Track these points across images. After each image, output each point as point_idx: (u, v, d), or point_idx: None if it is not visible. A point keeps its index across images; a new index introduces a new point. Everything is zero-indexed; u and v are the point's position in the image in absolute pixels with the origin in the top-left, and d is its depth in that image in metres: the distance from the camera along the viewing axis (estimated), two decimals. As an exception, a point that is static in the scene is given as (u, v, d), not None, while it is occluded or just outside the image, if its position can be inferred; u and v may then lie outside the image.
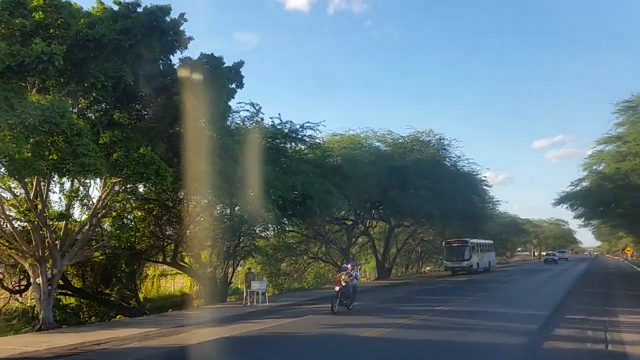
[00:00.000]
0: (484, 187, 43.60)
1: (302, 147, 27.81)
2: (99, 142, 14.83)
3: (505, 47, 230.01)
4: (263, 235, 30.60)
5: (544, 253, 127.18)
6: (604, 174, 23.97)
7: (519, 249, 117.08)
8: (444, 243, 43.98)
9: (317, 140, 25.76)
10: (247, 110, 22.90)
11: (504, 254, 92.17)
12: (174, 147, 17.53)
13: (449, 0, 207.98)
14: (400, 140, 34.32)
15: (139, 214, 25.36)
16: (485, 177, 43.07)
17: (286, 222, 25.14)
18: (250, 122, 23.40)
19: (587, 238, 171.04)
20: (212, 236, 26.30)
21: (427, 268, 64.08)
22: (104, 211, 16.78)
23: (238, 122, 22.77)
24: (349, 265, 18.12)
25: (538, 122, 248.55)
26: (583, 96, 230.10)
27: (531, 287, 26.83)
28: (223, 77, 17.70)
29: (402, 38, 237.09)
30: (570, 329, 13.03)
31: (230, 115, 21.42)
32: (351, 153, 30.89)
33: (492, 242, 53.97)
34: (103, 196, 16.03)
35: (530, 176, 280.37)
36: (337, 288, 16.89)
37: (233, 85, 19.79)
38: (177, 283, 38.44)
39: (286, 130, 23.96)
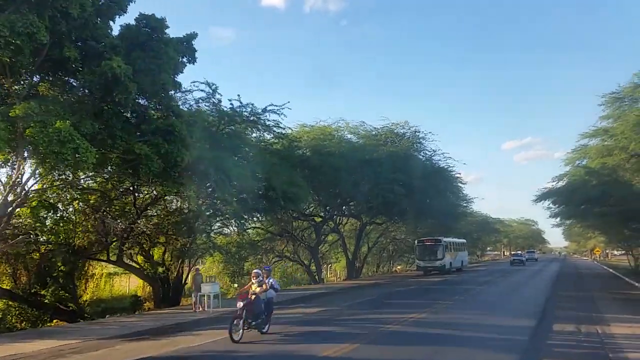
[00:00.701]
0: (459, 185, 42.01)
1: (268, 136, 25.40)
2: (9, 114, 12.16)
3: (477, 49, 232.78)
4: (223, 232, 28.07)
5: (517, 252, 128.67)
6: (589, 169, 22.39)
7: (489, 249, 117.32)
8: (416, 242, 42.28)
9: (283, 127, 23.28)
10: (202, 91, 20.31)
11: (475, 253, 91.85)
12: (109, 126, 14.90)
13: (425, 1, 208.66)
14: (373, 133, 32.27)
15: (78, 206, 22.60)
16: (459, 173, 41.46)
17: (246, 217, 22.67)
18: (207, 104, 20.82)
19: (555, 238, 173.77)
20: (165, 232, 23.73)
21: (399, 267, 62.59)
22: (18, 200, 14.00)
23: (191, 103, 20.16)
24: (263, 271, 13.31)
25: (508, 124, 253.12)
26: (553, 99, 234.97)
27: (509, 290, 25.19)
28: (168, 45, 15.15)
29: (378, 37, 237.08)
30: (563, 346, 11.17)
31: (181, 93, 18.88)
32: (321, 145, 28.66)
33: (465, 241, 52.78)
34: (14, 181, 13.26)
35: (499, 177, 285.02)
36: (240, 304, 11.72)
37: (184, 60, 17.36)
38: (132, 283, 35.55)
39: (246, 113, 21.39)
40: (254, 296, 12.09)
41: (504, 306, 18.46)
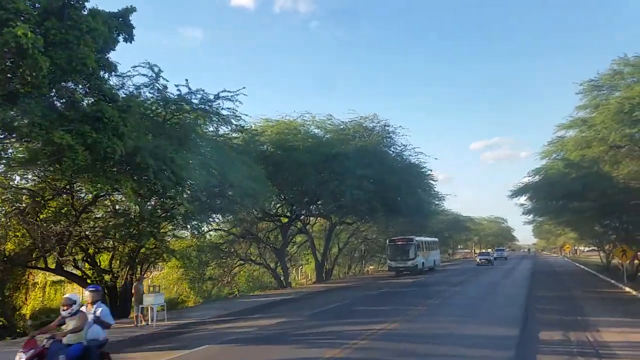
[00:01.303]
0: (430, 182, 40.61)
1: (225, 128, 23.19)
2: None
3: (443, 50, 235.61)
4: (178, 234, 25.71)
5: (485, 250, 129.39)
6: (569, 161, 21.07)
7: (460, 247, 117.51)
8: (388, 241, 40.70)
9: (239, 117, 21.01)
10: (145, 76, 17.93)
11: (447, 252, 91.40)
12: (27, 112, 12.53)
13: (393, 4, 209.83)
14: (341, 127, 30.41)
15: (10, 208, 20.01)
16: (431, 170, 40.02)
17: (201, 218, 20.43)
18: (151, 90, 18.45)
19: (524, 235, 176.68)
20: (112, 236, 21.33)
21: (371, 267, 61.14)
22: None
23: (131, 89, 17.74)
24: (79, 297, 8.08)
25: (475, 125, 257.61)
26: (519, 100, 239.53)
27: (484, 291, 23.74)
28: (95, 17, 12.88)
29: (347, 39, 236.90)
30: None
31: (118, 77, 16.56)
32: (284, 139, 26.61)
33: (436, 239, 51.66)
34: None
35: (467, 176, 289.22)
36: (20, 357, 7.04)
37: (119, 37, 15.09)
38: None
39: (196, 101, 19.11)
40: (49, 344, 7.16)
41: (482, 311, 16.86)
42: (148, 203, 19.11)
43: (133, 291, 17.71)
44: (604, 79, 21.41)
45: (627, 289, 25.18)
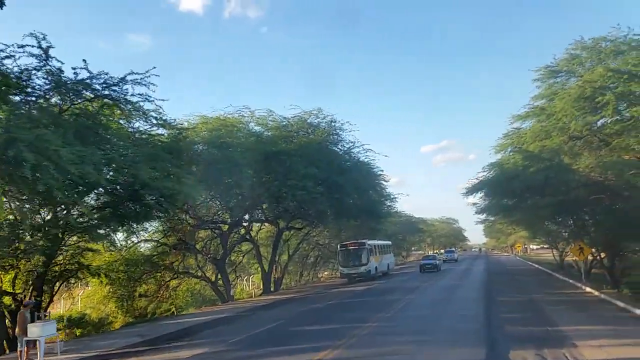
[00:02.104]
0: (382, 182, 38.50)
1: (143, 124, 19.92)
2: None
3: (391, 57, 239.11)
4: (93, 247, 22.16)
5: (431, 253, 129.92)
6: (529, 153, 19.26)
7: (414, 248, 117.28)
8: (338, 246, 38.29)
9: (152, 102, 17.70)
10: (33, 56, 14.51)
11: (401, 254, 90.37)
12: None
13: (343, 10, 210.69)
14: (283, 123, 27.64)
15: None
16: (382, 170, 37.93)
17: (109, 227, 17.11)
18: (44, 75, 15.02)
19: (474, 235, 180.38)
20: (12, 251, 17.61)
21: (325, 273, 58.70)
22: None
23: (16, 71, 14.28)
24: None
25: (425, 128, 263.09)
26: (467, 104, 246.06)
27: (441, 298, 21.60)
28: None
29: (298, 44, 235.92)
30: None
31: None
32: (219, 136, 23.57)
33: (390, 243, 49.80)
34: None
35: (419, 179, 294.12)
36: None
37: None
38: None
39: (98, 85, 15.77)
40: None
41: (441, 325, 14.52)
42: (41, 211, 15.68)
43: (18, 320, 14.21)
44: (561, 64, 19.83)
45: (588, 289, 23.86)
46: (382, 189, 39.45)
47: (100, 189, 15.80)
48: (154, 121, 19.90)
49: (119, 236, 29.41)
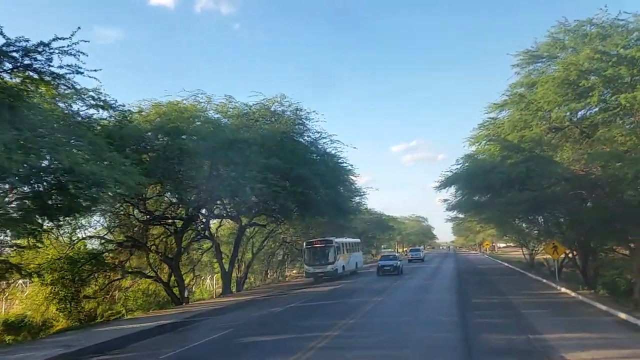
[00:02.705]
0: (351, 177, 36.69)
1: (82, 105, 17.41)
2: None
3: (363, 55, 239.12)
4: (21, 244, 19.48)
5: (405, 249, 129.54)
6: (507, 143, 17.66)
7: (384, 246, 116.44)
8: (304, 244, 36.30)
9: (90, 84, 15.37)
10: None
11: (371, 252, 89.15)
12: None
13: (316, 8, 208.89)
14: (245, 111, 25.34)
15: None
16: (352, 165, 36.14)
17: (28, 221, 14.56)
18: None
19: (443, 233, 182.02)
20: None
21: (293, 272, 56.60)
22: None
23: None
24: None
25: (396, 128, 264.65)
26: (436, 103, 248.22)
27: (412, 301, 19.88)
28: None
29: (270, 41, 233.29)
30: None
31: None
32: (168, 121, 21.12)
33: (359, 240, 48.09)
34: None
35: (390, 178, 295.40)
36: None
37: None
38: None
39: (17, 54, 13.23)
40: None
41: (411, 335, 12.68)
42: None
43: None
44: (543, 49, 18.34)
45: (564, 290, 22.65)
46: (351, 184, 37.66)
47: (16, 176, 13.29)
48: (92, 101, 17.51)
49: (64, 231, 27.08)
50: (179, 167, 20.91)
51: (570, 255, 30.74)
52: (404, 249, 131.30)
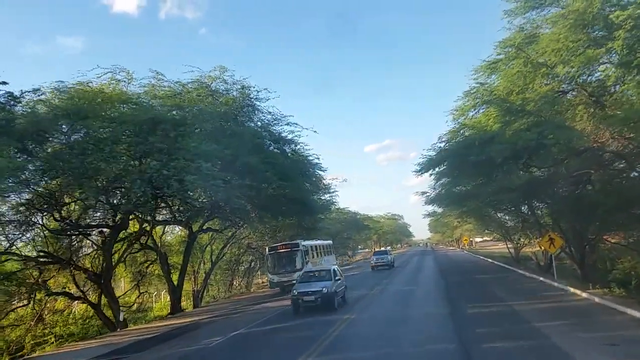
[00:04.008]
0: (318, 172, 32.30)
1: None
2: None
3: (335, 57, 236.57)
4: None
5: (382, 249, 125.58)
6: (511, 105, 13.57)
7: (360, 247, 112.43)
8: (267, 250, 31.74)
9: None
10: None
11: (346, 254, 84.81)
12: None
13: (281, 11, 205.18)
14: (179, 90, 20.57)
15: None
16: (318, 157, 31.76)
17: None
18: None
19: (419, 231, 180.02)
20: None
21: (260, 281, 51.87)
22: None
23: None
24: None
25: (368, 128, 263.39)
26: (407, 105, 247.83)
27: (395, 316, 15.69)
28: None
29: (238, 46, 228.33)
30: None
31: None
32: (72, 105, 16.32)
33: (331, 242, 43.65)
34: None
35: (364, 178, 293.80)
36: None
37: None
38: None
39: None
40: None
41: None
42: None
43: None
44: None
45: (571, 289, 18.90)
46: (319, 179, 33.29)
47: None
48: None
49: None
50: (90, 160, 16.10)
51: (562, 247, 27.26)
52: (381, 249, 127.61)
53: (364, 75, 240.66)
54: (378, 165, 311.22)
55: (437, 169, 19.48)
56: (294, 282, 29.25)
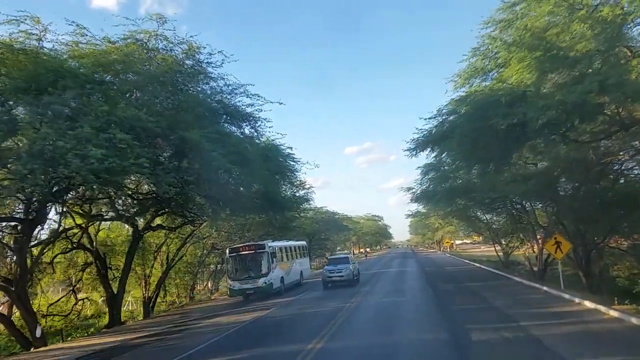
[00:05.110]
0: (290, 162, 28.22)
1: None
2: None
3: (315, 60, 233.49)
4: None
5: (362, 250, 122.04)
6: (550, 47, 9.67)
7: (339, 248, 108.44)
8: (227, 251, 27.46)
9: None
10: None
11: (325, 256, 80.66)
12: None
13: (263, 10, 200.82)
14: (102, 48, 15.90)
15: None
16: (291, 148, 27.60)
17: None
18: None
19: (399, 233, 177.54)
20: None
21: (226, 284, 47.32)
22: None
23: None
24: None
25: (349, 130, 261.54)
26: (387, 107, 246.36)
27: (378, 343, 11.72)
28: None
29: (220, 42, 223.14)
30: None
31: None
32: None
33: (305, 243, 39.46)
34: None
35: (344, 180, 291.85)
36: None
37: None
38: None
39: None
40: None
41: None
42: None
43: None
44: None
45: (588, 304, 15.26)
46: (292, 171, 29.11)
47: None
48: None
49: None
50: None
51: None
52: (360, 250, 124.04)
53: (347, 75, 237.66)
54: (358, 168, 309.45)
55: (434, 150, 15.36)
56: (260, 289, 25.24)
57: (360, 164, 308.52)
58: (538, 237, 30.90)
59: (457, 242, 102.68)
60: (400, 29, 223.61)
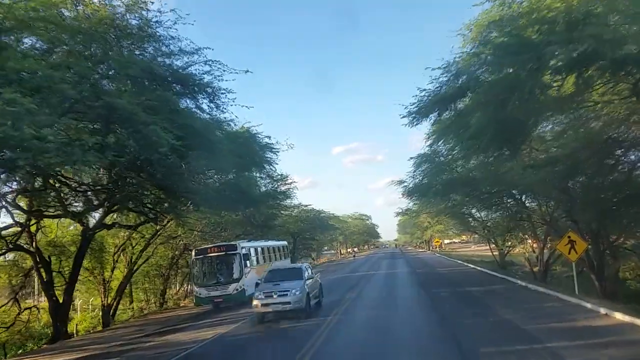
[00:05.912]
0: (268, 153, 25.08)
1: None
2: None
3: (302, 59, 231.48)
4: None
5: (350, 250, 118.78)
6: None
7: (326, 248, 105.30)
8: (193, 253, 24.16)
9: None
10: None
11: (310, 256, 77.38)
12: None
13: (246, 6, 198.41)
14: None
15: None
16: (269, 138, 24.47)
17: None
18: None
19: (386, 232, 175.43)
20: None
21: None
22: None
23: None
24: None
25: (336, 130, 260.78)
26: (374, 107, 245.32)
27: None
28: None
29: (205, 38, 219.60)
30: None
31: None
32: None
33: (285, 243, 36.17)
34: None
35: (332, 179, 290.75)
36: None
37: None
38: None
39: None
40: None
41: None
42: None
43: None
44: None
45: (619, 317, 12.45)
46: (270, 163, 25.90)
47: None
48: None
49: None
50: None
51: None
52: (348, 250, 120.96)
53: (333, 74, 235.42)
54: (346, 168, 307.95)
55: (441, 114, 12.06)
56: (230, 297, 22.05)
57: (347, 163, 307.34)
58: (543, 236, 28.33)
59: (446, 241, 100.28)
60: (391, 29, 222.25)
